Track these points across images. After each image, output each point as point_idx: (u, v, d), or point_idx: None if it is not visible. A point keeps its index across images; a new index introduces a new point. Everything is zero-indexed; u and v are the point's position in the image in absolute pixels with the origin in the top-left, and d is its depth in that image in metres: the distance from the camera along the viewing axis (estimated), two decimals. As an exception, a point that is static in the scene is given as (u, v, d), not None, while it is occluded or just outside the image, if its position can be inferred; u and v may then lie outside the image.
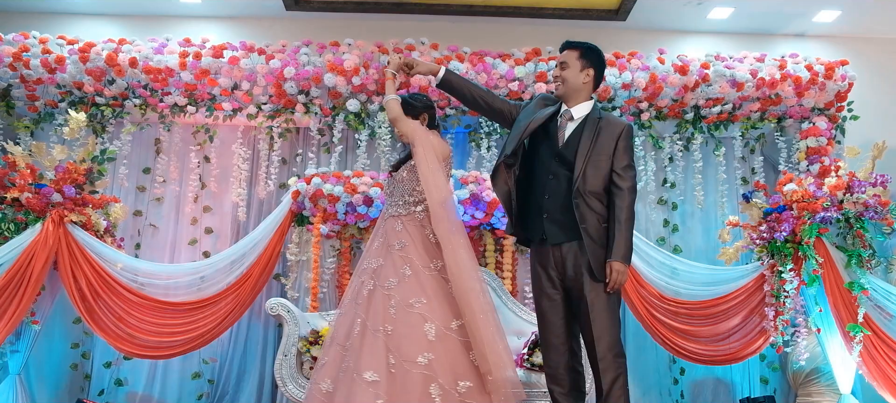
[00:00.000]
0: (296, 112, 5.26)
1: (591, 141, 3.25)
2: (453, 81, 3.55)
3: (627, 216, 3.19)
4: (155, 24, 5.66)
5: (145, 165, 5.49)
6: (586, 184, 3.21)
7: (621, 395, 3.20)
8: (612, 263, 3.15)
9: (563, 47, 3.42)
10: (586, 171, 3.22)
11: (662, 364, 5.28)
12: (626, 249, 3.16)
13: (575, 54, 3.37)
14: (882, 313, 4.32)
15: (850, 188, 4.52)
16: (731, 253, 4.86)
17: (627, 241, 3.17)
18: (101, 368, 5.12)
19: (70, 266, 4.55)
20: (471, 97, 3.56)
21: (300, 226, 5.05)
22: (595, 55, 3.39)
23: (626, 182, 3.22)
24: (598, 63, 3.40)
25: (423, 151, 3.30)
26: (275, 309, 4.46)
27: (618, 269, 3.15)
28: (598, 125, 3.29)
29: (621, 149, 3.24)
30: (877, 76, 5.80)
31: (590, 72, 3.36)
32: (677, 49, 5.64)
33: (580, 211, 3.19)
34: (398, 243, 3.32)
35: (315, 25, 5.70)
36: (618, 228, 3.17)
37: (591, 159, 3.23)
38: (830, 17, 5.67)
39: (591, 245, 3.18)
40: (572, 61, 3.35)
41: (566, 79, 3.35)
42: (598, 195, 3.22)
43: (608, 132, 3.26)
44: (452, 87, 3.56)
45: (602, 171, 3.22)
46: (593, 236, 3.19)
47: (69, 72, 5.14)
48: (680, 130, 5.44)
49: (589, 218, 3.19)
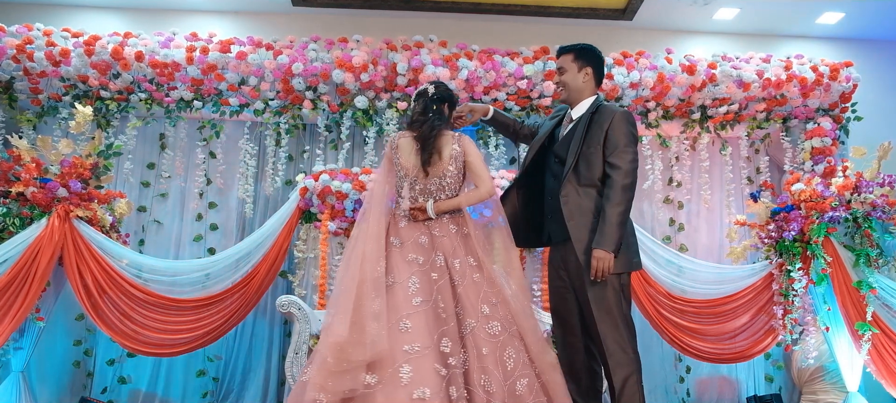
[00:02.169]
0: (303, 108, 5.22)
1: (583, 135, 3.26)
2: (498, 118, 3.79)
3: (616, 201, 3.11)
4: (161, 18, 5.61)
5: (150, 160, 5.43)
6: (579, 177, 3.21)
7: (635, 392, 3.17)
8: (594, 250, 3.08)
9: (558, 54, 3.48)
10: (578, 165, 3.22)
11: (668, 362, 5.30)
12: (611, 236, 3.07)
13: (569, 57, 3.42)
14: (890, 311, 4.36)
15: (857, 188, 4.56)
16: (739, 252, 4.90)
17: (612, 228, 3.08)
18: (104, 365, 5.06)
19: (76, 262, 4.49)
20: (512, 130, 3.81)
21: (308, 223, 5.01)
22: (589, 53, 3.42)
23: (617, 169, 3.15)
24: (595, 59, 3.42)
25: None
26: (286, 306, 4.42)
27: (597, 256, 3.07)
28: (592, 118, 3.30)
29: (612, 135, 3.21)
30: (879, 78, 5.88)
31: (588, 71, 3.39)
32: (683, 49, 5.68)
33: (569, 206, 3.19)
34: None
35: (321, 21, 5.68)
36: (603, 216, 3.11)
37: (582, 153, 3.23)
38: (834, 18, 5.74)
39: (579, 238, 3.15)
40: (568, 64, 3.40)
41: (566, 84, 3.40)
42: (594, 186, 3.20)
43: (599, 122, 3.26)
44: (497, 123, 3.80)
45: (596, 163, 3.21)
46: (581, 229, 3.16)
47: (74, 66, 5.08)
48: (687, 130, 5.47)
49: (577, 212, 3.18)
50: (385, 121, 5.24)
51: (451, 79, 5.09)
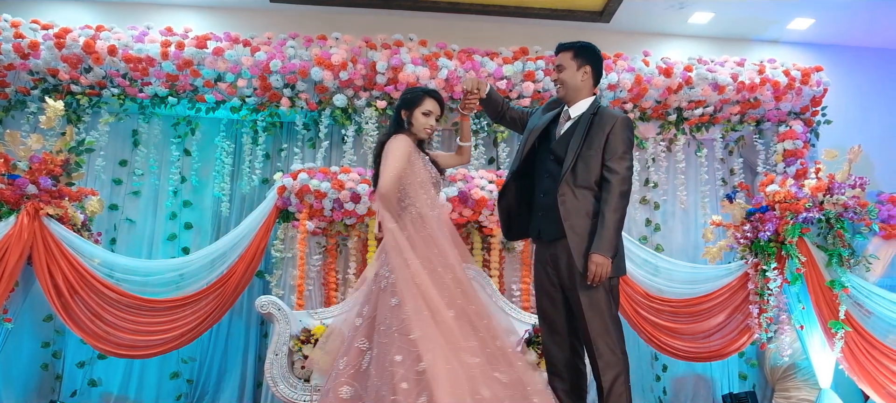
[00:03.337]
0: (281, 106, 5.15)
1: (583, 136, 3.24)
2: (492, 95, 3.61)
3: (614, 207, 3.12)
4: (134, 12, 5.48)
5: (122, 157, 5.29)
6: (576, 178, 3.19)
7: (623, 393, 3.18)
8: (592, 255, 3.09)
9: (557, 51, 3.43)
10: (576, 166, 3.20)
11: (645, 360, 5.35)
12: (609, 241, 3.09)
13: (569, 55, 3.37)
14: (861, 310, 4.48)
15: (830, 190, 4.67)
16: (715, 252, 4.97)
17: (610, 233, 3.10)
18: (73, 368, 4.91)
19: (46, 261, 4.37)
20: (500, 110, 3.64)
21: (286, 222, 4.94)
22: (589, 52, 3.40)
23: (616, 174, 3.16)
24: (594, 59, 3.40)
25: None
26: (265, 306, 4.36)
27: (596, 261, 3.07)
28: (592, 120, 3.28)
29: (612, 141, 3.20)
30: (848, 83, 6.03)
31: (587, 70, 3.36)
32: (659, 51, 5.75)
33: (566, 206, 3.17)
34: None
35: (299, 18, 5.61)
36: (601, 220, 3.12)
37: (581, 154, 3.21)
38: (805, 24, 5.87)
39: (575, 239, 3.14)
40: (567, 62, 3.35)
41: (564, 81, 3.35)
42: (589, 189, 3.20)
43: (600, 125, 3.24)
44: (491, 101, 3.60)
45: (593, 165, 3.20)
46: (578, 231, 3.15)
47: (43, 58, 4.93)
48: (663, 131, 5.53)
49: (574, 213, 3.17)
50: (364, 119, 5.19)
51: (431, 78, 5.08)
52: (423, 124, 3.25)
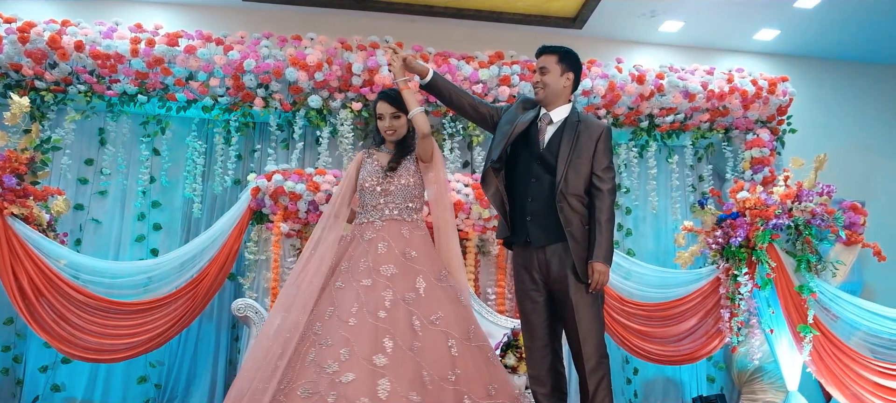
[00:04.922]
0: (254, 106, 5.07)
1: (571, 143, 3.28)
2: (440, 84, 3.49)
3: (608, 217, 3.24)
4: (102, 7, 5.32)
5: (88, 156, 5.14)
6: (568, 186, 3.24)
7: (606, 396, 3.25)
8: (594, 264, 3.18)
9: (540, 53, 3.42)
10: (568, 174, 3.25)
11: (616, 363, 5.39)
12: (607, 250, 3.22)
13: (553, 59, 3.38)
14: (828, 314, 4.61)
15: (798, 197, 4.79)
16: (686, 257, 5.06)
17: (608, 242, 3.23)
18: (35, 372, 4.75)
19: (10, 262, 4.22)
20: (457, 101, 3.51)
21: (259, 224, 4.86)
22: (574, 59, 3.43)
23: (606, 183, 3.26)
24: (576, 66, 3.43)
25: (444, 174, 3.48)
26: (242, 310, 4.28)
27: (599, 270, 3.18)
28: (577, 127, 3.32)
29: (601, 151, 3.29)
30: (812, 93, 6.21)
31: (570, 76, 3.39)
32: (630, 59, 5.83)
33: (564, 213, 3.22)
34: (409, 252, 3.22)
35: (273, 17, 5.53)
36: (599, 229, 3.21)
37: (571, 162, 3.26)
38: (770, 35, 6.02)
39: (576, 246, 3.21)
40: (552, 65, 3.36)
41: (547, 84, 3.36)
42: (579, 197, 3.26)
43: (588, 134, 3.30)
44: (438, 90, 3.48)
45: (583, 173, 3.26)
46: (577, 238, 3.22)
47: (6, 53, 4.75)
48: (635, 137, 5.61)
49: (572, 220, 3.23)
50: (339, 121, 5.14)
51: (408, 80, 5.04)
52: (381, 128, 3.44)
